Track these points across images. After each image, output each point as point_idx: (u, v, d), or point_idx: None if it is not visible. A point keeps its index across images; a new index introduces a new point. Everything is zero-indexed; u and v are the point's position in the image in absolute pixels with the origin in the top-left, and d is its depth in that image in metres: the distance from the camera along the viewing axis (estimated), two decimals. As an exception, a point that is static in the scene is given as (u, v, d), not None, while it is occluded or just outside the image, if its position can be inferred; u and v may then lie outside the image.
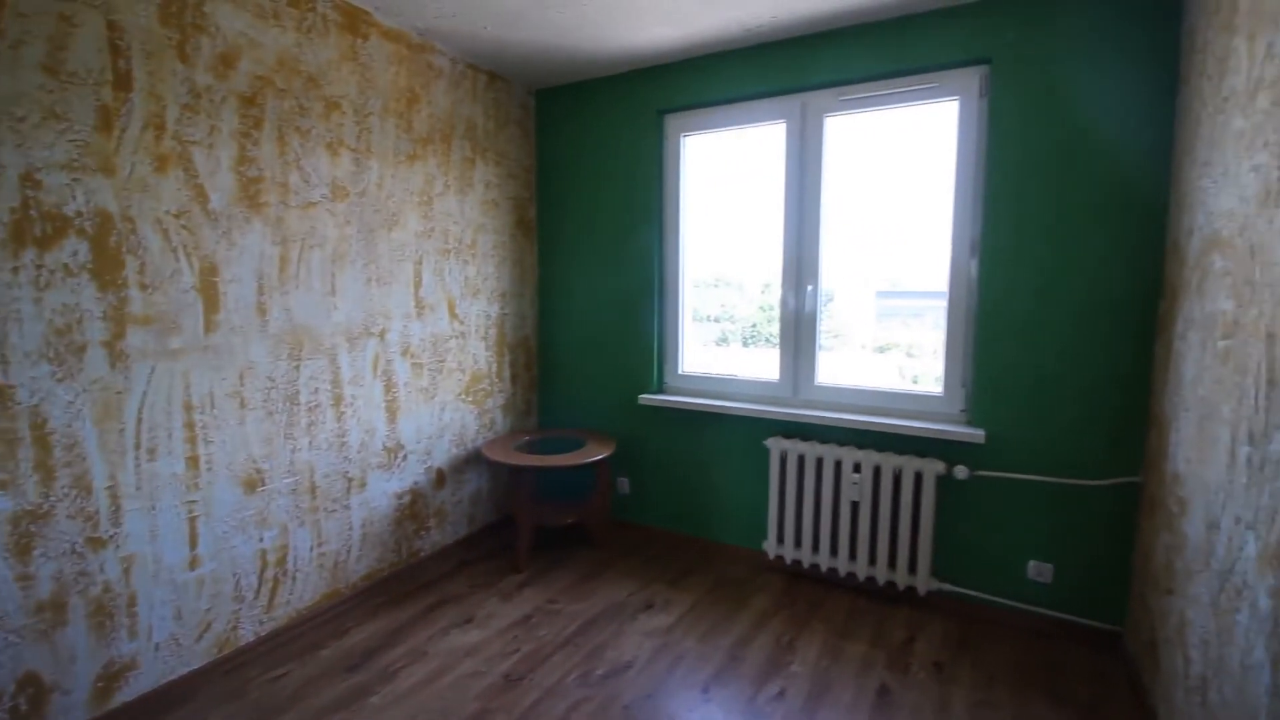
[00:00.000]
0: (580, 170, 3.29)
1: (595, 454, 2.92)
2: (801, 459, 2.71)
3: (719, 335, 3.35)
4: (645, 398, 3.11)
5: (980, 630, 2.40)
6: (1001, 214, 2.34)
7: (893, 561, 2.58)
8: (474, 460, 3.16)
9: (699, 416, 3.05)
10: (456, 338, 3.00)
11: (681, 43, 2.74)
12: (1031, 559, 2.39)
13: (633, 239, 3.16)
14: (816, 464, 2.67)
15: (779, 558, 2.84)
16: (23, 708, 1.66)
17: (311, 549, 2.40)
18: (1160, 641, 1.83)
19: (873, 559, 2.61)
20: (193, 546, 2.02)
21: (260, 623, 2.24)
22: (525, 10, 2.43)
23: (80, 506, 1.75)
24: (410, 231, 2.72)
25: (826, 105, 2.68)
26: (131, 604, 1.87)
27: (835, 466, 2.63)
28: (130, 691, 1.89)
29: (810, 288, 2.77)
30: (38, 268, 1.63)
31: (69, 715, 1.75)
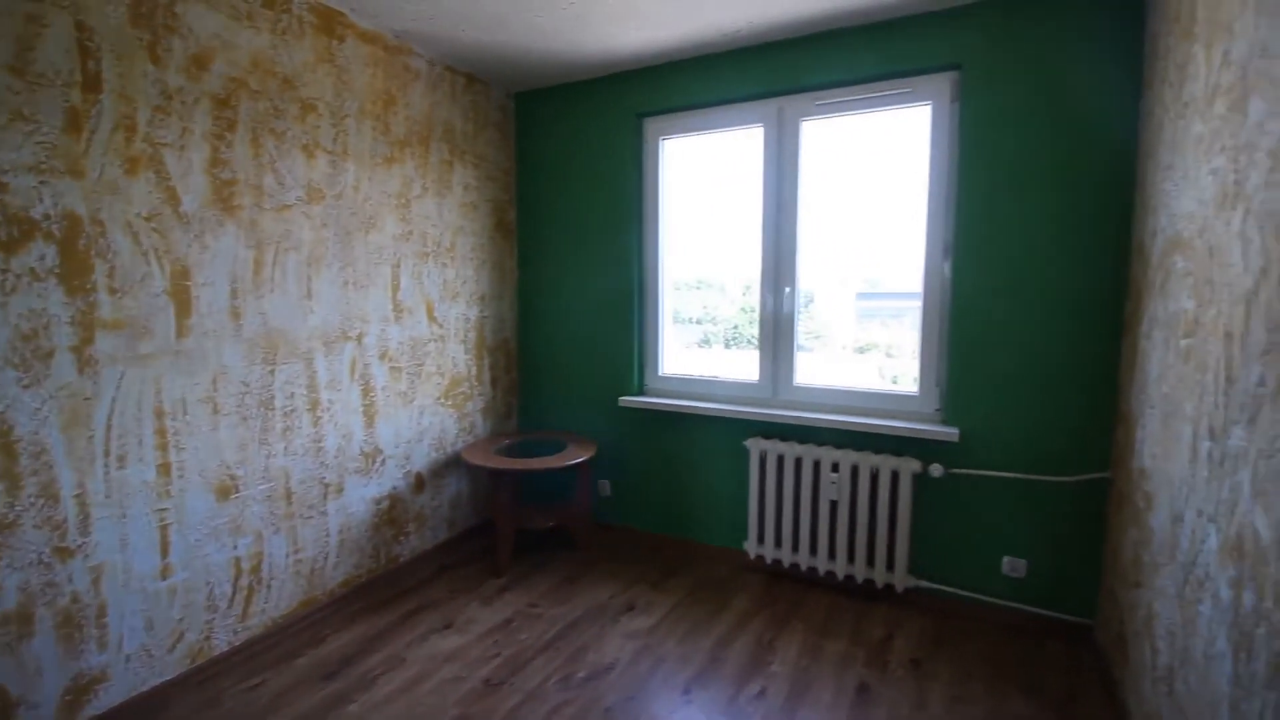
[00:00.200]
0: (560, 173, 3.30)
1: (576, 456, 2.91)
2: (781, 459, 2.73)
3: (702, 337, 3.37)
4: (626, 400, 3.12)
5: (957, 626, 2.44)
6: (973, 216, 2.39)
7: (871, 559, 2.61)
8: (453, 464, 3.14)
9: (680, 418, 3.06)
10: (435, 341, 2.99)
11: (660, 47, 2.76)
12: (1006, 555, 2.43)
13: (613, 241, 3.17)
14: (796, 464, 2.70)
15: (759, 557, 2.86)
16: (-13, 723, 1.62)
17: (287, 556, 2.36)
18: (1129, 634, 1.87)
19: (851, 557, 2.64)
20: (164, 555, 1.98)
21: (235, 632, 2.20)
22: (505, 14, 2.43)
23: (47, 515, 1.71)
24: (388, 234, 2.70)
25: (803, 109, 2.71)
26: (101, 614, 1.84)
27: (814, 466, 2.65)
28: (100, 704, 1.84)
29: (788, 289, 2.80)
30: (3, 272, 1.60)
31: (36, 729, 1.70)
